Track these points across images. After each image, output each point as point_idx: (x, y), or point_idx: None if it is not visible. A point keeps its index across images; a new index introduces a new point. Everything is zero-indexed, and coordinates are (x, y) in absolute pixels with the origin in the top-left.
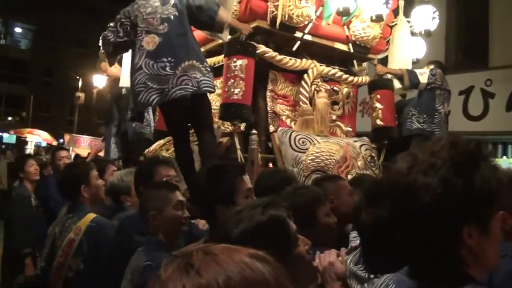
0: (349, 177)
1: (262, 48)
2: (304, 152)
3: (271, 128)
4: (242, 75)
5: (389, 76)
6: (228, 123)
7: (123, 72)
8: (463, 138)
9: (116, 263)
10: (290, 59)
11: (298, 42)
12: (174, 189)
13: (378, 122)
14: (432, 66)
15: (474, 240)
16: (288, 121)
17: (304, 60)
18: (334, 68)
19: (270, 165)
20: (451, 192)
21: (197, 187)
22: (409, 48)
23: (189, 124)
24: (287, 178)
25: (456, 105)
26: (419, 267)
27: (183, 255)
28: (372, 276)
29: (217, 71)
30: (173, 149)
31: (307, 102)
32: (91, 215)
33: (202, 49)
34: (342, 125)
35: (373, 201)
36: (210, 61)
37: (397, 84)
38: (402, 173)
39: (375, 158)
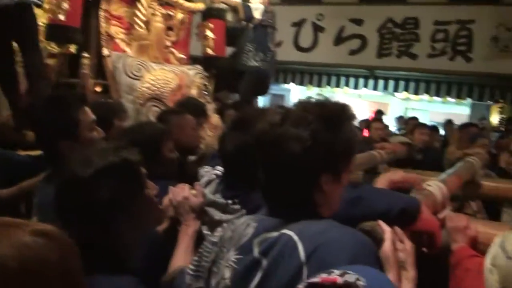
0: None
1: None
2: (139, 79)
3: (105, 52)
4: None
5: (223, 6)
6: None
7: None
8: (333, 100)
9: None
10: None
11: None
12: None
13: (209, 51)
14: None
15: (328, 186)
16: (122, 44)
17: None
18: None
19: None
20: (319, 145)
21: (34, 119)
22: None
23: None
24: (116, 109)
25: (287, 36)
26: (278, 207)
27: None
28: (230, 201)
29: None
30: None
31: (143, 26)
32: None
33: None
34: (176, 51)
35: (237, 129)
36: None
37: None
38: (275, 124)
39: (208, 87)
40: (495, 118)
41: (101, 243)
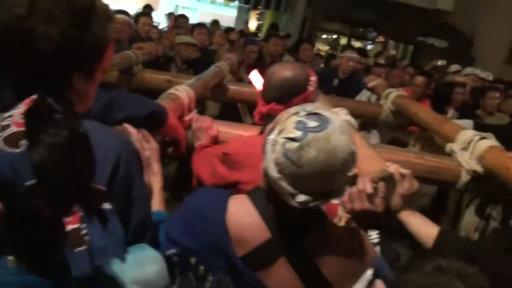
0: None
1: None
2: None
3: None
4: None
5: None
6: None
7: None
8: None
9: None
10: None
11: None
12: None
13: None
14: None
15: (81, 85)
16: None
17: None
18: None
19: None
20: (67, 44)
21: None
22: None
23: None
24: None
25: None
26: None
27: None
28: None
29: None
30: None
31: None
32: None
33: None
34: None
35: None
36: None
37: None
38: (22, 18)
39: None
40: (253, 24)
41: None
